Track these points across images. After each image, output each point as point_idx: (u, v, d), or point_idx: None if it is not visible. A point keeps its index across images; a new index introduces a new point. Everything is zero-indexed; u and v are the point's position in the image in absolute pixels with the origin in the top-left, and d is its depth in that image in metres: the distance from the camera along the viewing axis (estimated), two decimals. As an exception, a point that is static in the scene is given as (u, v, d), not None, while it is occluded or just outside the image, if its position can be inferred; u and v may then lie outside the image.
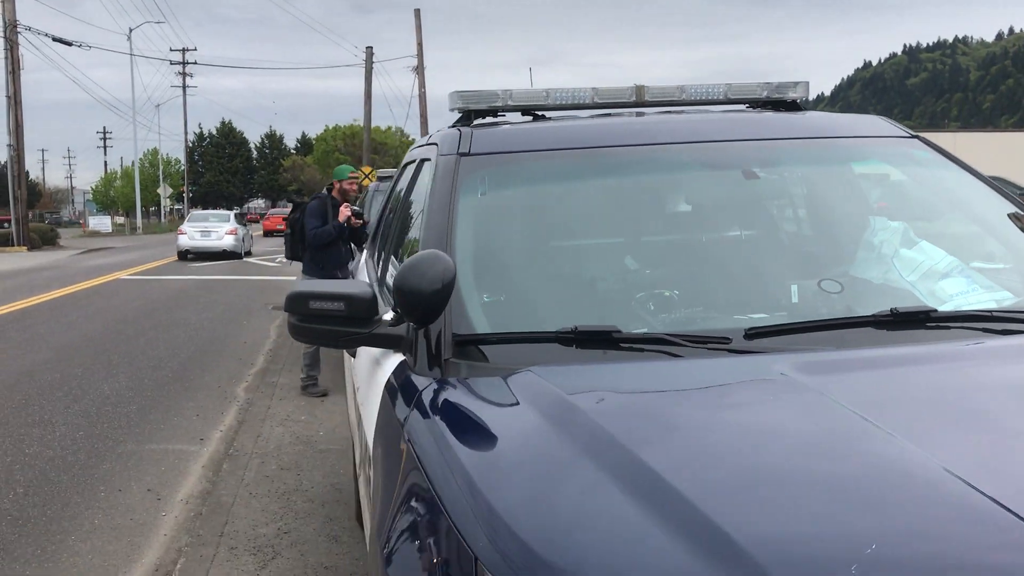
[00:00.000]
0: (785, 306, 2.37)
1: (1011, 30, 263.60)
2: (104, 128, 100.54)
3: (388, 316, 2.17)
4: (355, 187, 8.20)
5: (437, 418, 1.84)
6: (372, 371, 2.56)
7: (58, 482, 5.83)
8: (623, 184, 2.78)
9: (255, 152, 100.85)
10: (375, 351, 2.55)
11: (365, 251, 4.66)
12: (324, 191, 8.37)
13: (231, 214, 32.61)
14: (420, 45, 38.29)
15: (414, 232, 3.05)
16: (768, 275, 2.53)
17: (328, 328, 2.32)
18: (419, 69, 39.52)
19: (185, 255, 28.32)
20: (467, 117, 3.21)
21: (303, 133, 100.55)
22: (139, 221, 59.77)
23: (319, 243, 7.87)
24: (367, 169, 31.78)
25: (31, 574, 4.42)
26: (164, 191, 61.38)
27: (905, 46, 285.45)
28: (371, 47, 37.26)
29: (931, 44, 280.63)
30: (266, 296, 16.84)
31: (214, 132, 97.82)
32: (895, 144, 2.94)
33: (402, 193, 3.67)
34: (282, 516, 4.97)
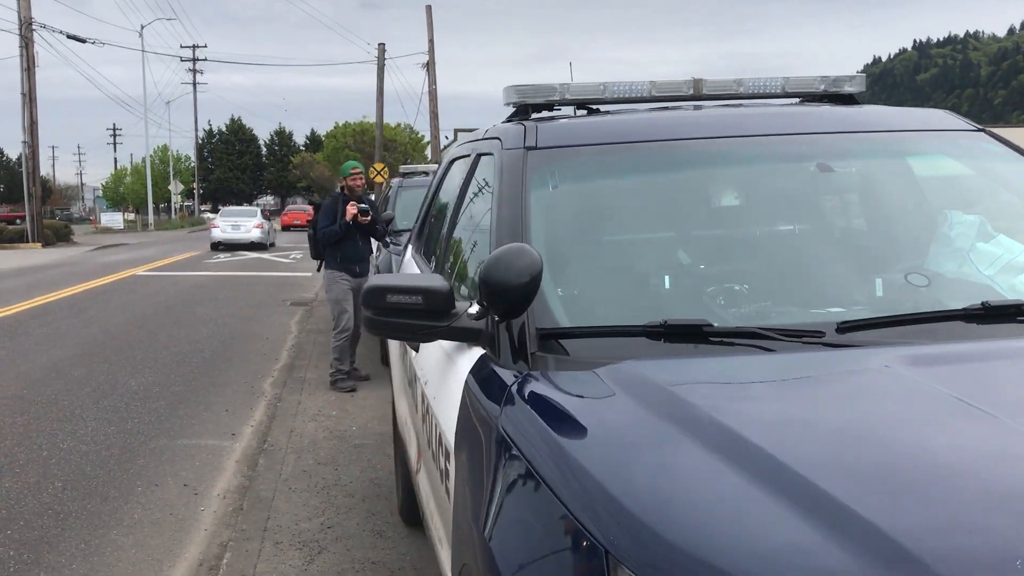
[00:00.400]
0: (867, 300, 2.35)
1: (1023, 24, 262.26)
2: (114, 125, 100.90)
3: (472, 309, 2.17)
4: (360, 183, 8.21)
5: (534, 411, 1.84)
6: (445, 365, 2.55)
7: (95, 477, 5.84)
8: (693, 177, 2.78)
9: (264, 149, 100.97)
10: (447, 345, 2.55)
11: (410, 247, 4.65)
12: (338, 189, 8.56)
13: (257, 210, 35.93)
14: (431, 42, 38.29)
15: (479, 226, 3.05)
16: (845, 269, 2.52)
17: (405, 322, 2.32)
18: (430, 65, 39.51)
19: (218, 246, 31.77)
20: (522, 111, 3.22)
21: (312, 130, 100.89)
22: (151, 218, 59.87)
23: (328, 242, 8.18)
24: (379, 166, 31.79)
25: (78, 568, 4.43)
26: (175, 187, 61.51)
27: (915, 41, 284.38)
28: (383, 44, 37.30)
29: (941, 39, 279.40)
30: (283, 292, 16.87)
31: (224, 129, 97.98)
32: (962, 137, 2.92)
33: (455, 188, 3.66)
34: (324, 511, 4.98)
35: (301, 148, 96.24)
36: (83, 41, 35.90)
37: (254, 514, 4.96)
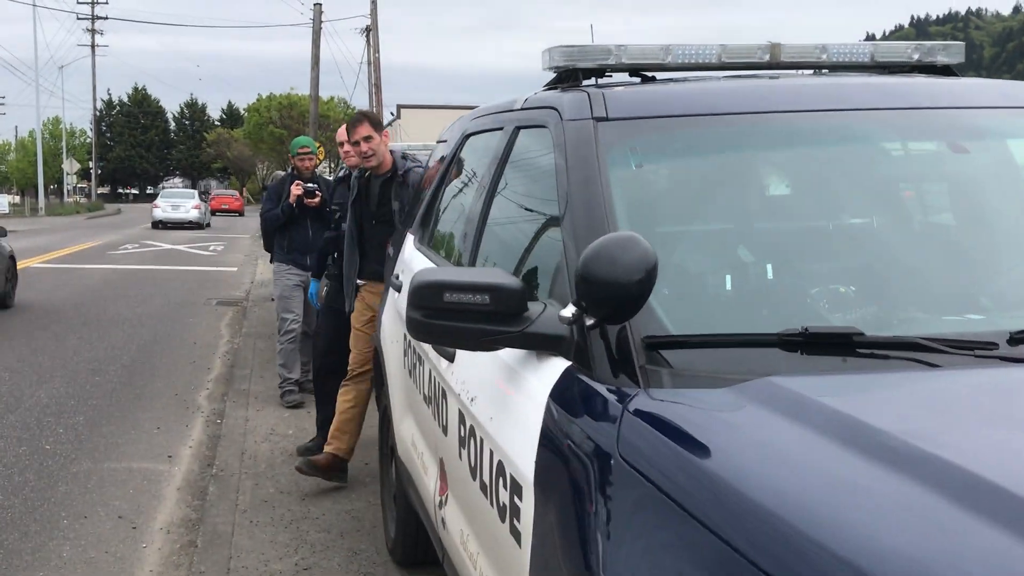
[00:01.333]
0: (1018, 303, 2.28)
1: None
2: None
3: (566, 311, 2.05)
4: (309, 164, 7.98)
5: (667, 436, 1.72)
6: (508, 379, 2.42)
7: (9, 507, 5.59)
8: (798, 158, 2.71)
9: (173, 124, 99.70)
10: (508, 355, 2.42)
11: (410, 238, 4.49)
12: (290, 169, 8.37)
13: (195, 192, 46.19)
14: (374, 3, 37.99)
15: (533, 212, 2.92)
16: (984, 266, 2.44)
17: (466, 326, 2.20)
18: (372, 30, 39.21)
19: (158, 224, 39.69)
20: (566, 77, 3.12)
21: (229, 103, 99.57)
22: (41, 201, 58.58)
23: (270, 227, 8.18)
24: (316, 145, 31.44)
25: (3, 619, 4.20)
26: (69, 166, 60.16)
27: (913, 18, 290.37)
28: (320, 4, 36.64)
29: (941, 16, 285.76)
30: (206, 290, 16.56)
31: (126, 100, 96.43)
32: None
33: (481, 168, 3.53)
34: (296, 548, 4.79)
35: (216, 123, 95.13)
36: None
37: (213, 553, 4.76)
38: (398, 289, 4.21)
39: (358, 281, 5.80)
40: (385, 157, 5.61)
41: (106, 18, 73.14)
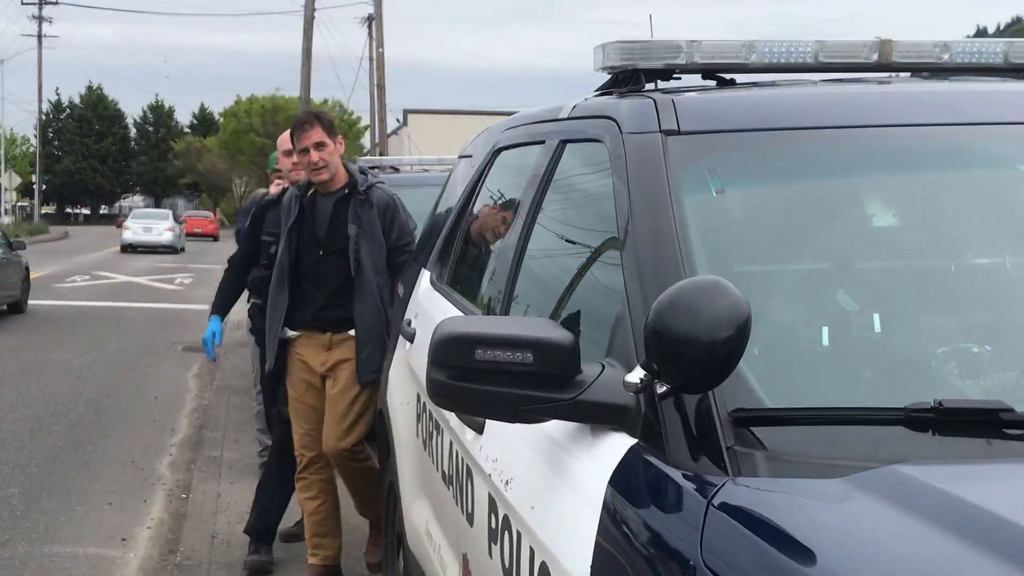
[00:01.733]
0: None
1: None
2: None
3: (632, 376, 1.98)
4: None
5: (766, 542, 1.65)
6: (552, 458, 2.35)
7: (-74, 601, 5.55)
8: (917, 183, 2.67)
9: (134, 130, 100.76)
10: (554, 428, 2.35)
11: (425, 275, 4.45)
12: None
13: (169, 213, 49.37)
14: (379, -13, 38.37)
15: (584, 247, 2.87)
16: None
17: (504, 391, 2.14)
18: (376, 20, 39.63)
19: (128, 248, 42.18)
20: (626, 80, 3.09)
21: (202, 106, 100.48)
22: (-27, 222, 59.29)
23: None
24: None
25: None
26: (9, 180, 60.90)
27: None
28: (313, -12, 37.26)
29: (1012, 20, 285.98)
30: (171, 332, 16.65)
31: (77, 101, 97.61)
32: None
33: (515, 190, 3.49)
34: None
35: (186, 130, 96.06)
36: None
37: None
38: (410, 339, 4.15)
39: (288, 332, 5.44)
40: (339, 170, 5.35)
41: (56, 2, 74.26)
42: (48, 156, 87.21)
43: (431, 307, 4.03)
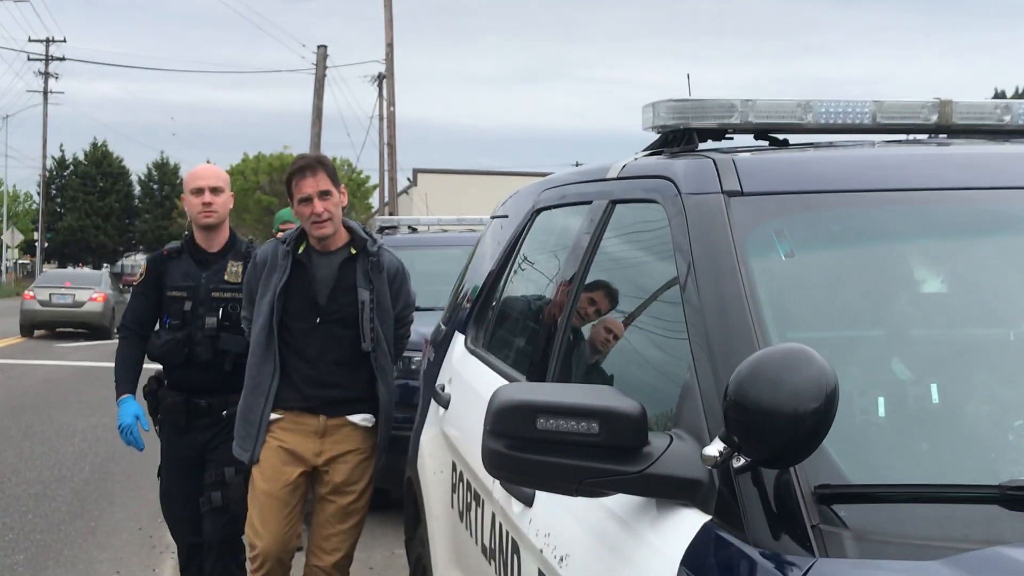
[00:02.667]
0: None
1: None
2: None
3: (711, 450, 1.92)
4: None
5: None
6: (615, 535, 2.29)
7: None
8: (999, 247, 2.63)
9: (139, 188, 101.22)
10: (612, 501, 2.30)
11: (459, 339, 4.40)
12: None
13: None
14: (390, 46, 38.70)
15: (640, 311, 2.83)
16: None
17: (566, 463, 2.08)
18: (388, 79, 39.92)
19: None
20: (677, 139, 3.07)
21: (208, 163, 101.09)
22: (-27, 279, 59.45)
23: None
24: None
25: None
26: (12, 238, 61.23)
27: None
28: (324, 46, 37.46)
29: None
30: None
31: (82, 157, 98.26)
32: None
33: (559, 252, 3.46)
34: None
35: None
36: None
37: None
38: (445, 405, 4.10)
39: (272, 415, 4.74)
40: (341, 225, 4.80)
41: (63, 59, 75.01)
42: (51, 213, 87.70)
43: (467, 372, 3.98)
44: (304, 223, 4.74)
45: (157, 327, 5.21)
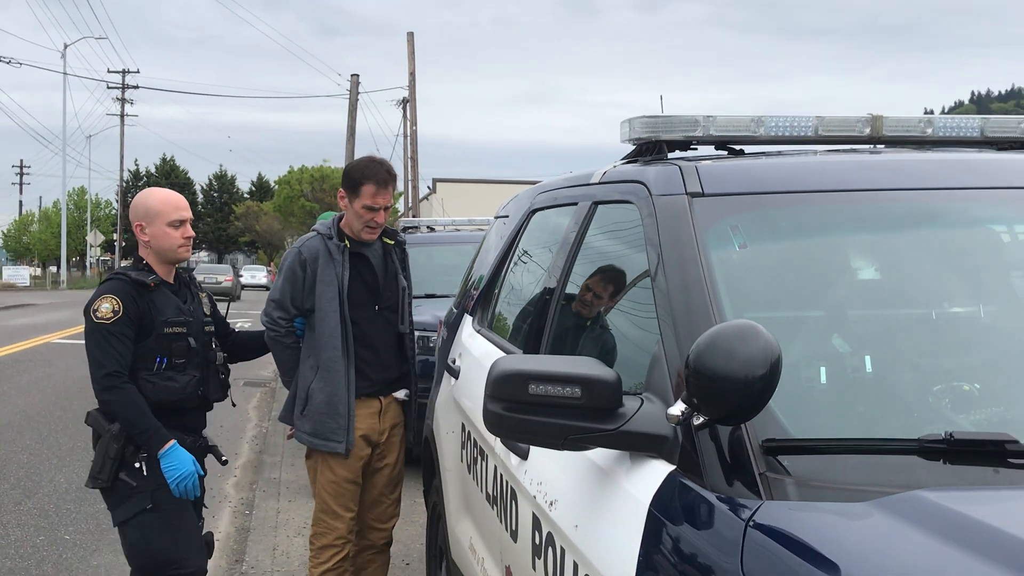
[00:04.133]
0: None
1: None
2: (21, 161, 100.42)
3: (675, 409, 1.91)
4: None
5: (804, 560, 1.58)
6: (596, 482, 2.28)
7: (25, 604, 5.46)
8: (920, 240, 2.60)
9: (201, 195, 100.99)
10: (597, 455, 2.29)
11: (468, 321, 4.38)
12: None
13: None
14: (412, 75, 38.56)
15: (619, 296, 2.82)
16: None
17: (553, 422, 2.08)
18: (410, 102, 39.79)
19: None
20: (648, 150, 3.06)
21: (259, 175, 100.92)
22: (63, 274, 59.44)
23: None
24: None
25: None
26: (94, 238, 61.15)
27: (973, 94, 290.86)
28: (357, 75, 37.44)
29: (1004, 92, 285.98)
30: (234, 368, 16.49)
31: (153, 170, 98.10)
32: None
33: (550, 245, 3.44)
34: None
35: (246, 196, 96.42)
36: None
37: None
38: (455, 375, 4.09)
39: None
40: None
41: (136, 87, 74.66)
42: (127, 218, 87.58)
43: (474, 348, 3.97)
44: (357, 223, 4.34)
45: (152, 369, 3.94)
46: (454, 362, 4.24)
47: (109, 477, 3.89)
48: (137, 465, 3.91)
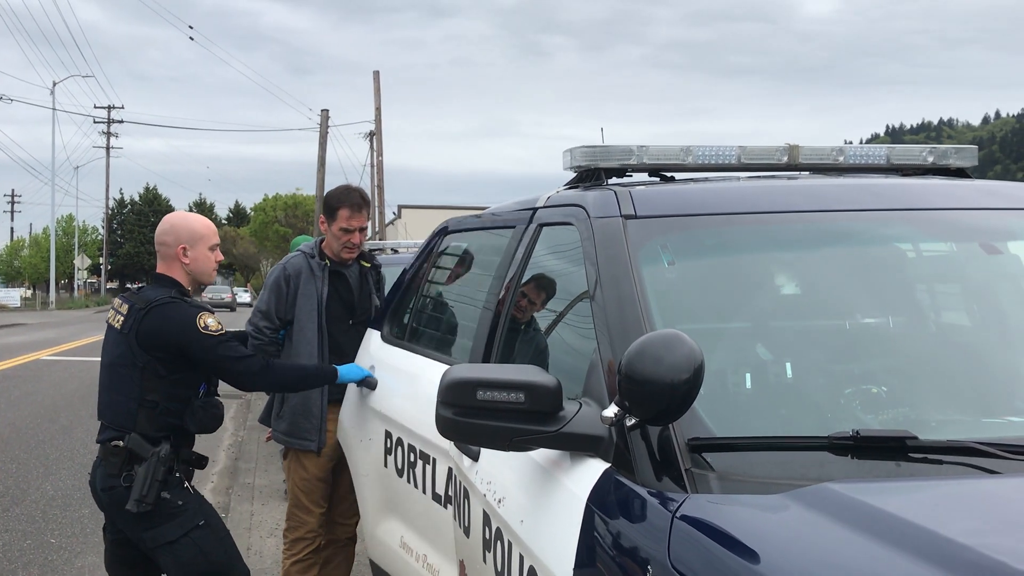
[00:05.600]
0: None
1: (997, 114, 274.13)
2: (12, 191, 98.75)
3: (608, 412, 1.92)
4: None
5: (723, 546, 1.59)
6: (541, 481, 2.28)
7: (12, 604, 5.34)
8: (833, 256, 2.62)
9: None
10: (540, 455, 2.29)
11: (374, 334, 4.30)
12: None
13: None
14: (379, 110, 38.45)
15: (559, 309, 2.83)
16: (1015, 367, 2.34)
17: (500, 425, 2.09)
18: (376, 135, 39.68)
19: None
20: (587, 176, 3.07)
21: (237, 202, 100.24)
22: (52, 295, 58.53)
23: None
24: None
25: None
26: (81, 262, 60.30)
27: (888, 127, 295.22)
28: (327, 110, 37.24)
29: (915, 126, 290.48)
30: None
31: (137, 199, 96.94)
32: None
33: (489, 264, 3.43)
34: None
35: (224, 222, 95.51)
36: (-13, 96, 35.28)
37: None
38: (372, 387, 3.98)
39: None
40: None
41: (121, 122, 73.78)
42: (112, 243, 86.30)
43: (392, 359, 3.90)
44: (336, 244, 4.40)
45: (199, 395, 3.79)
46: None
47: (154, 499, 3.61)
48: (186, 485, 3.74)
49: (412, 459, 3.53)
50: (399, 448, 3.65)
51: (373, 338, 4.32)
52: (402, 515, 3.68)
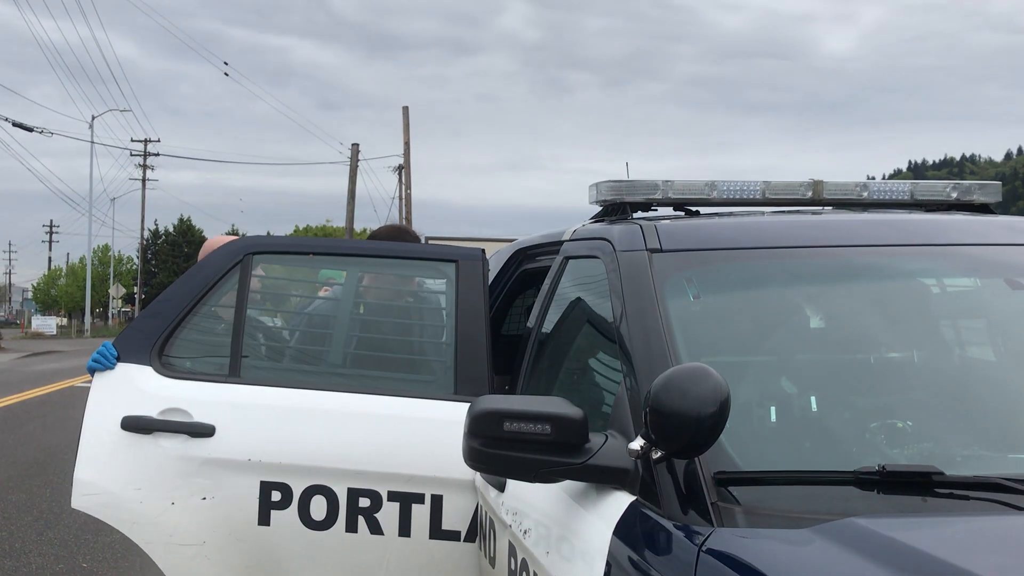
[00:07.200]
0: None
1: (1020, 150, 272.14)
2: (51, 221, 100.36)
3: (635, 444, 1.91)
4: None
5: None
6: (567, 513, 2.27)
7: (44, 627, 5.35)
8: (857, 291, 2.61)
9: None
10: (567, 487, 2.28)
11: (151, 366, 3.92)
12: None
13: None
14: (407, 144, 38.78)
15: (584, 341, 2.82)
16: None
17: (526, 456, 2.08)
18: (405, 168, 39.99)
19: None
20: (613, 211, 3.08)
21: (268, 233, 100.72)
22: (87, 323, 59.11)
23: None
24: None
25: None
26: (116, 291, 60.92)
27: (910, 163, 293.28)
28: (357, 144, 37.69)
29: (937, 161, 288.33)
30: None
31: (171, 230, 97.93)
32: None
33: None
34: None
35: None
36: (30, 130, 35.93)
37: None
38: (207, 432, 3.31)
39: None
40: None
41: (157, 155, 74.76)
42: (147, 272, 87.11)
43: (243, 398, 3.30)
44: None
45: None
46: (184, 417, 3.28)
47: None
48: None
49: (341, 501, 3.07)
50: (312, 495, 3.09)
51: (132, 376, 3.33)
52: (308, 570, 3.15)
